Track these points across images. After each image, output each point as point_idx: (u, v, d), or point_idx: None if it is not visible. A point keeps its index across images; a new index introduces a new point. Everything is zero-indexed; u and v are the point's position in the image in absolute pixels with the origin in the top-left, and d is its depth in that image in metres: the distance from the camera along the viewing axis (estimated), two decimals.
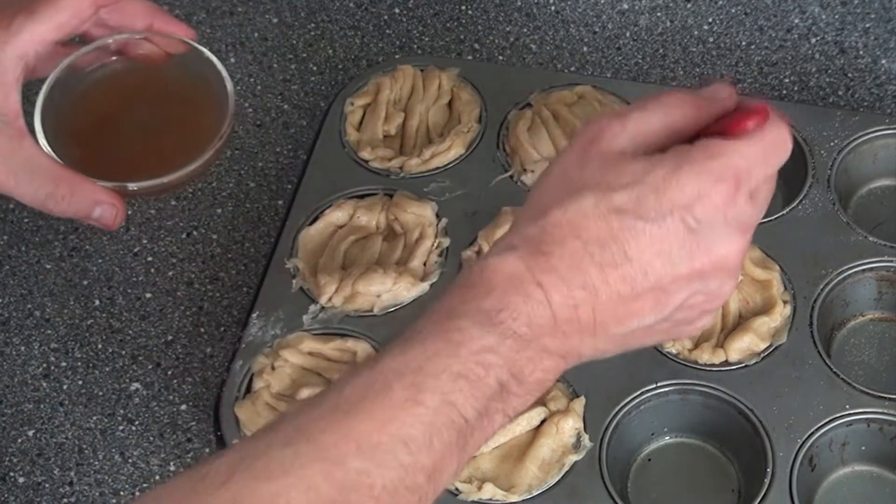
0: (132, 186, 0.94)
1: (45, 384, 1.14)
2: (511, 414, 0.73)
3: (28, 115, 0.94)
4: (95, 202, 0.92)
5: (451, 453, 0.69)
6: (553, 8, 1.39)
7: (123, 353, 1.16)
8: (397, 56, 1.35)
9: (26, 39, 0.91)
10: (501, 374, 0.71)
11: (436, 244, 1.11)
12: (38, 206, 0.92)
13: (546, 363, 0.73)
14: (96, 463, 1.09)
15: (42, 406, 1.13)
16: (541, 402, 1.00)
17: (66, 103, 0.97)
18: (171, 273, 1.21)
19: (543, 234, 0.72)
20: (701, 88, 0.77)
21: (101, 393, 1.14)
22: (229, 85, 0.98)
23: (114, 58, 1.00)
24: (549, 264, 0.72)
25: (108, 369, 1.15)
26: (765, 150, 0.73)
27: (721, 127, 0.74)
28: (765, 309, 1.05)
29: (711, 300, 0.76)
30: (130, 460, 1.09)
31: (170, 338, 1.17)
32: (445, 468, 0.69)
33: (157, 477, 1.08)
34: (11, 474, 1.09)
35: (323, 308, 1.07)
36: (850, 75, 1.31)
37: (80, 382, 1.14)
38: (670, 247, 0.72)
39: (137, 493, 1.07)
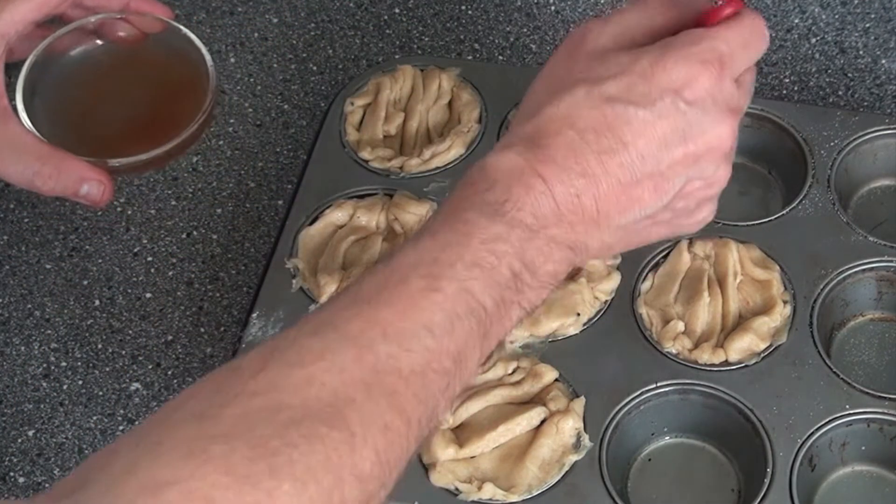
0: (115, 163, 0.93)
1: (45, 384, 1.14)
2: (527, 307, 0.74)
3: (9, 96, 0.94)
4: (82, 179, 0.92)
5: (473, 340, 0.71)
6: (553, 8, 1.39)
7: (123, 353, 1.16)
8: (397, 56, 1.35)
9: (6, 20, 0.92)
10: (514, 262, 0.72)
11: None
12: (26, 184, 0.92)
13: (556, 254, 0.74)
14: None
15: (42, 406, 1.13)
16: (541, 402, 1.00)
17: (47, 84, 0.97)
18: (171, 273, 1.21)
19: (539, 129, 0.75)
20: None
21: (101, 393, 1.14)
22: (209, 61, 0.98)
23: (92, 38, 1.00)
24: (547, 155, 0.74)
25: (108, 369, 1.15)
26: (744, 35, 0.76)
27: (700, 20, 0.77)
28: (765, 309, 1.05)
29: (709, 186, 0.78)
30: None
31: (170, 338, 1.17)
32: (469, 355, 0.71)
33: None
34: (11, 474, 1.09)
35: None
36: (850, 75, 1.31)
37: (80, 382, 1.14)
38: (664, 130, 0.73)
39: None
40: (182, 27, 0.99)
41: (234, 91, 1.34)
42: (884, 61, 1.32)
